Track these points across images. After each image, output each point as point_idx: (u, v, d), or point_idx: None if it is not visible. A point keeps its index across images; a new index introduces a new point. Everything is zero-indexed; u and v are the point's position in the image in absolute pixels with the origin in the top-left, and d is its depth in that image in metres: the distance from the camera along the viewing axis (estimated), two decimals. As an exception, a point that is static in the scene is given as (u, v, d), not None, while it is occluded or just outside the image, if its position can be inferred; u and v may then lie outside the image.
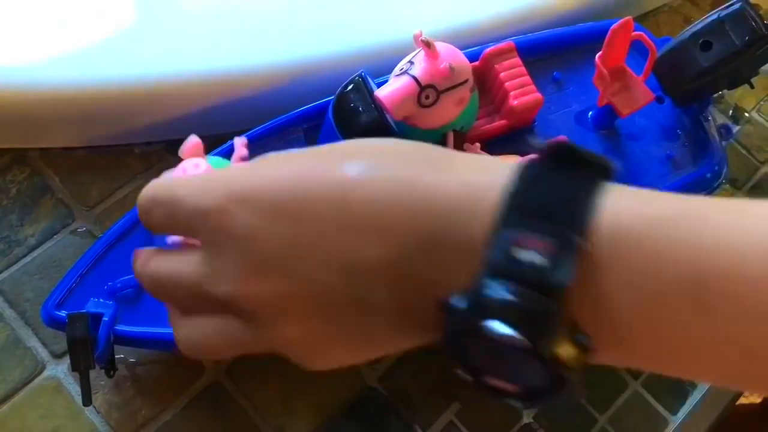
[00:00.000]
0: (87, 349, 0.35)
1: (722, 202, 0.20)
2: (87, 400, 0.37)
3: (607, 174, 0.21)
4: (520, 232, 0.19)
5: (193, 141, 0.32)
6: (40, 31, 0.45)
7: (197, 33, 0.47)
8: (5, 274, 0.43)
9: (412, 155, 0.23)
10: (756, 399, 0.82)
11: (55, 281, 0.43)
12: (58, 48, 0.45)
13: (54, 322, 0.38)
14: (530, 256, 0.19)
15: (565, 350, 0.19)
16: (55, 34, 0.45)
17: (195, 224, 0.24)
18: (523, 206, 0.20)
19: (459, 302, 0.20)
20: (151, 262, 0.27)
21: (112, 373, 0.39)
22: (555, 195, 0.20)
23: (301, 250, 0.21)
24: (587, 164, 0.21)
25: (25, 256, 0.44)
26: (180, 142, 0.50)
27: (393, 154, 0.23)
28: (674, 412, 0.48)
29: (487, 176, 0.21)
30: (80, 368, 0.36)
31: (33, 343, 0.42)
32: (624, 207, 0.20)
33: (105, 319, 0.37)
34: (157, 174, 0.48)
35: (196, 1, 0.48)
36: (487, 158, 0.23)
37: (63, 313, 0.37)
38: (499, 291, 0.19)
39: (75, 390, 0.41)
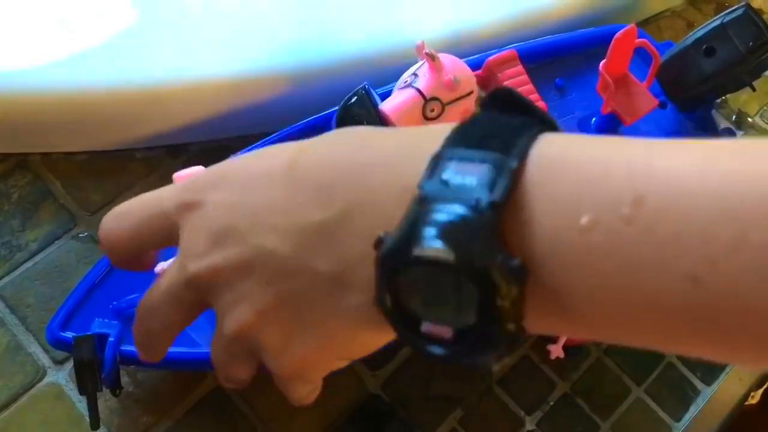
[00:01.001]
0: (94, 371, 0.35)
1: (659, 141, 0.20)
2: (95, 423, 0.36)
3: (549, 125, 0.21)
4: (455, 161, 0.19)
5: (194, 169, 0.33)
6: (42, 35, 0.45)
7: (200, 39, 0.47)
8: (6, 279, 0.43)
9: (363, 132, 0.24)
10: (755, 399, 0.82)
11: (56, 287, 0.44)
12: (60, 53, 0.45)
13: (59, 344, 0.38)
14: (463, 179, 0.19)
15: (497, 273, 0.18)
16: (57, 38, 0.45)
17: (176, 219, 0.24)
18: (461, 141, 0.20)
19: (391, 235, 0.19)
20: (144, 299, 0.26)
21: (117, 392, 0.39)
22: (493, 128, 0.20)
23: (256, 219, 0.22)
24: (529, 110, 0.21)
25: (26, 261, 0.44)
26: (181, 147, 0.50)
27: (346, 133, 0.24)
28: (677, 419, 0.48)
29: (432, 131, 0.21)
30: (88, 391, 0.36)
31: (34, 348, 0.42)
32: (561, 137, 0.20)
33: (111, 339, 0.36)
34: (159, 178, 0.49)
35: (200, 7, 0.48)
36: (435, 125, 0.22)
37: (68, 334, 0.37)
38: (429, 214, 0.19)
39: (76, 396, 0.41)
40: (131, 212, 0.26)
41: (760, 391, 0.81)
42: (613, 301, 0.18)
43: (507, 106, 0.21)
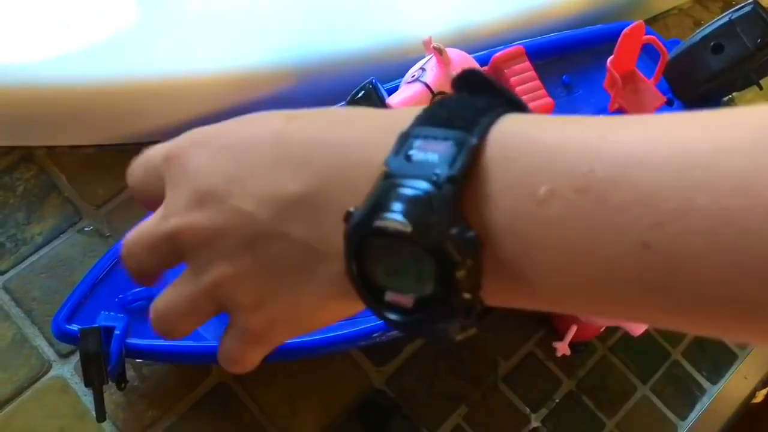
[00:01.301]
0: (100, 364, 0.35)
1: (617, 117, 0.21)
2: (101, 416, 0.36)
3: (516, 105, 0.22)
4: (420, 139, 0.20)
5: None
6: (48, 28, 0.45)
7: (207, 33, 0.47)
8: (12, 272, 0.43)
9: (347, 111, 0.25)
10: (758, 398, 0.82)
11: (61, 280, 0.43)
12: (67, 46, 0.45)
13: (65, 336, 0.37)
14: (425, 156, 0.20)
15: (452, 245, 0.19)
16: (64, 32, 0.45)
17: (162, 171, 0.25)
18: (428, 120, 0.21)
19: (359, 209, 0.20)
20: (127, 239, 0.27)
21: (123, 385, 0.38)
22: (459, 109, 0.21)
23: (237, 184, 0.23)
24: (497, 91, 0.22)
25: (31, 254, 0.44)
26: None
27: (331, 111, 0.25)
28: (683, 417, 0.48)
29: (407, 112, 0.22)
30: (94, 384, 0.35)
31: (39, 342, 0.42)
32: (523, 116, 0.21)
33: (117, 332, 0.36)
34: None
35: (205, 2, 0.48)
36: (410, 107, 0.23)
37: (74, 327, 0.37)
38: (392, 189, 0.20)
39: (81, 390, 0.41)
40: (139, 162, 0.27)
41: (764, 390, 0.81)
42: (570, 271, 0.19)
43: (477, 88, 0.22)
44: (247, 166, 0.23)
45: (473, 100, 0.22)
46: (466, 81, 0.23)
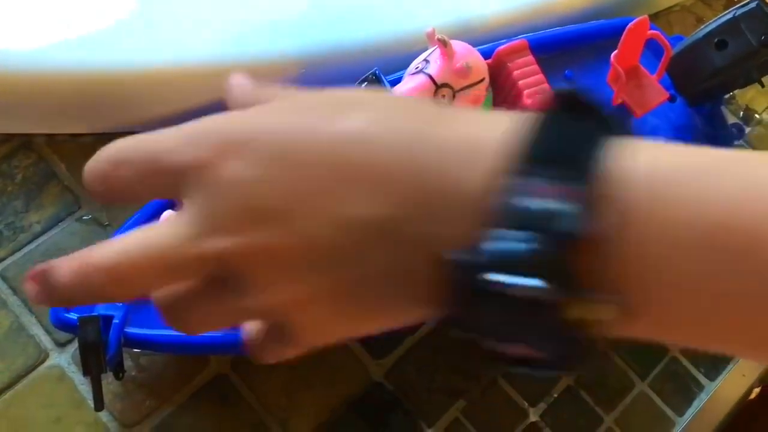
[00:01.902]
0: (99, 353, 0.35)
1: (742, 154, 0.19)
2: (99, 404, 0.36)
3: (616, 127, 0.19)
4: (529, 179, 0.18)
5: None
6: (48, 15, 0.44)
7: (207, 23, 0.47)
8: (9, 260, 0.43)
9: (412, 108, 0.21)
10: (752, 395, 0.82)
11: (59, 269, 0.43)
12: (66, 33, 0.44)
13: (63, 324, 0.37)
14: (542, 203, 0.17)
15: (588, 310, 0.17)
16: (64, 18, 0.45)
17: (180, 181, 0.21)
18: (530, 152, 0.18)
19: (462, 256, 0.18)
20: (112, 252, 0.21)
21: (121, 375, 0.38)
22: (565, 140, 0.18)
23: (300, 201, 0.20)
24: (595, 112, 0.19)
25: (29, 242, 0.44)
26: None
27: (393, 106, 0.21)
28: (680, 414, 0.48)
29: (490, 126, 0.20)
30: (92, 373, 0.35)
31: (36, 330, 0.41)
32: (639, 151, 0.19)
33: (116, 321, 0.36)
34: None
35: (209, -12, 0.48)
36: (490, 113, 0.20)
37: (72, 315, 0.37)
38: (507, 241, 0.17)
39: (78, 379, 0.40)
40: (129, 161, 0.22)
41: (757, 389, 0.81)
42: (708, 326, 0.18)
43: (569, 107, 0.19)
44: (310, 180, 0.20)
45: (573, 124, 0.19)
46: (557, 99, 0.20)
